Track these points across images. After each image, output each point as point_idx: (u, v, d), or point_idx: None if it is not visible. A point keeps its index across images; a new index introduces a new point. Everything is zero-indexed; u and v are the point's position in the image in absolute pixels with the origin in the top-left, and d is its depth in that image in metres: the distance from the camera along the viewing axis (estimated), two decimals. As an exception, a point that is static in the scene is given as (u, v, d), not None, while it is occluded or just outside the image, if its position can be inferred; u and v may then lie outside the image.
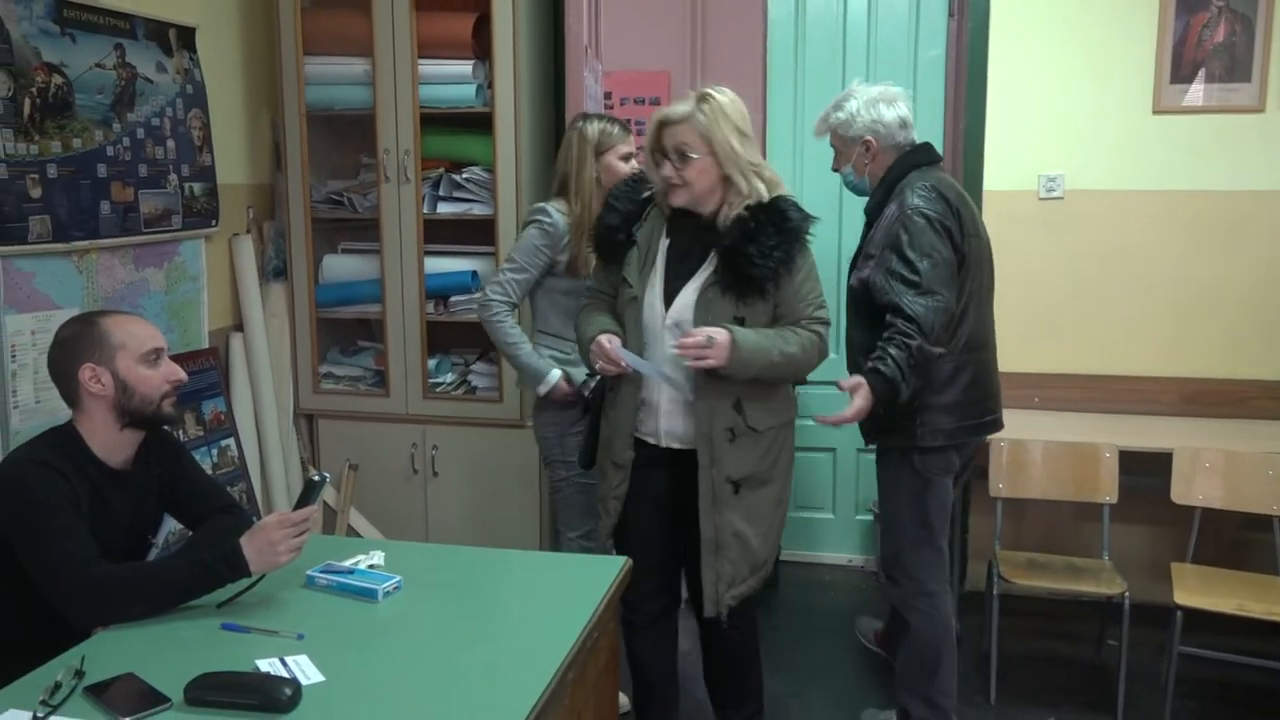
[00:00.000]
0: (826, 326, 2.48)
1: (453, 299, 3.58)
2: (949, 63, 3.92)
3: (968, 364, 2.63)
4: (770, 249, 2.36)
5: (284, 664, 1.65)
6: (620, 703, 3.01)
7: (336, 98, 3.56)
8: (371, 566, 2.05)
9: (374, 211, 3.56)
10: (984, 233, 2.72)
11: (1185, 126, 3.59)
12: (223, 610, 1.85)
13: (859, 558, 4.26)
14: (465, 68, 3.42)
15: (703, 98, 2.41)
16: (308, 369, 3.69)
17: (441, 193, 3.55)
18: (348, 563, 2.04)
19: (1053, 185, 3.70)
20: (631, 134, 3.02)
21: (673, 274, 2.47)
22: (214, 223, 3.34)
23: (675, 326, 2.43)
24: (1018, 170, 3.72)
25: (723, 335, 2.34)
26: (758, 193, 2.40)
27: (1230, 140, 3.56)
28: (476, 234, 3.58)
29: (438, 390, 3.63)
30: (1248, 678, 3.20)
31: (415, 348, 3.58)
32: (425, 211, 3.52)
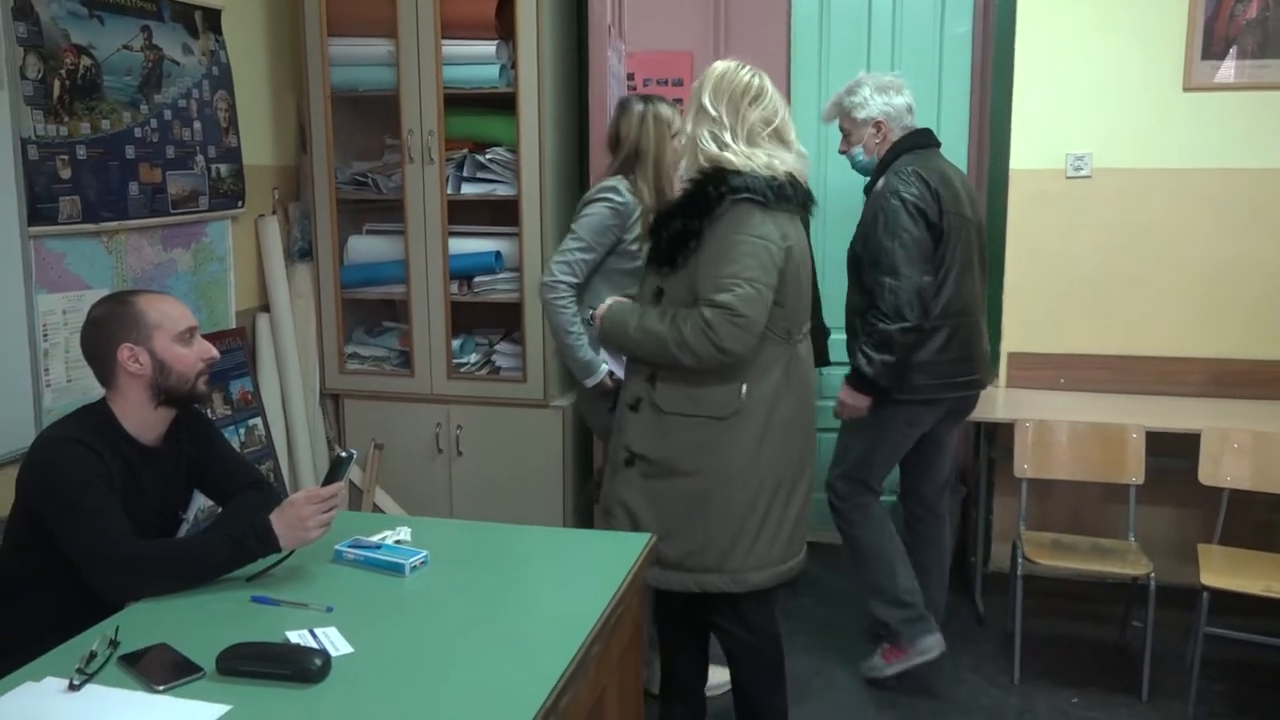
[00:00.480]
0: (723, 311, 2.23)
1: (476, 279, 3.60)
2: (975, 39, 3.88)
3: (943, 328, 2.92)
4: (669, 220, 2.34)
5: (313, 636, 1.67)
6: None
7: (361, 79, 3.57)
8: (398, 542, 2.07)
9: (398, 192, 3.57)
10: (970, 211, 2.97)
11: (1216, 104, 3.54)
12: (253, 583, 1.88)
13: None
14: (489, 48, 3.43)
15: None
16: (333, 349, 3.72)
17: (465, 173, 3.55)
18: (375, 538, 2.06)
19: (1080, 164, 3.66)
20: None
21: None
22: (240, 204, 3.37)
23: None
24: (1045, 148, 3.68)
25: (603, 308, 2.47)
26: (716, 163, 2.30)
27: (1262, 118, 3.51)
28: (500, 214, 3.59)
29: (462, 370, 3.66)
30: (1274, 659, 3.18)
31: (440, 328, 3.60)
32: (449, 192, 3.53)
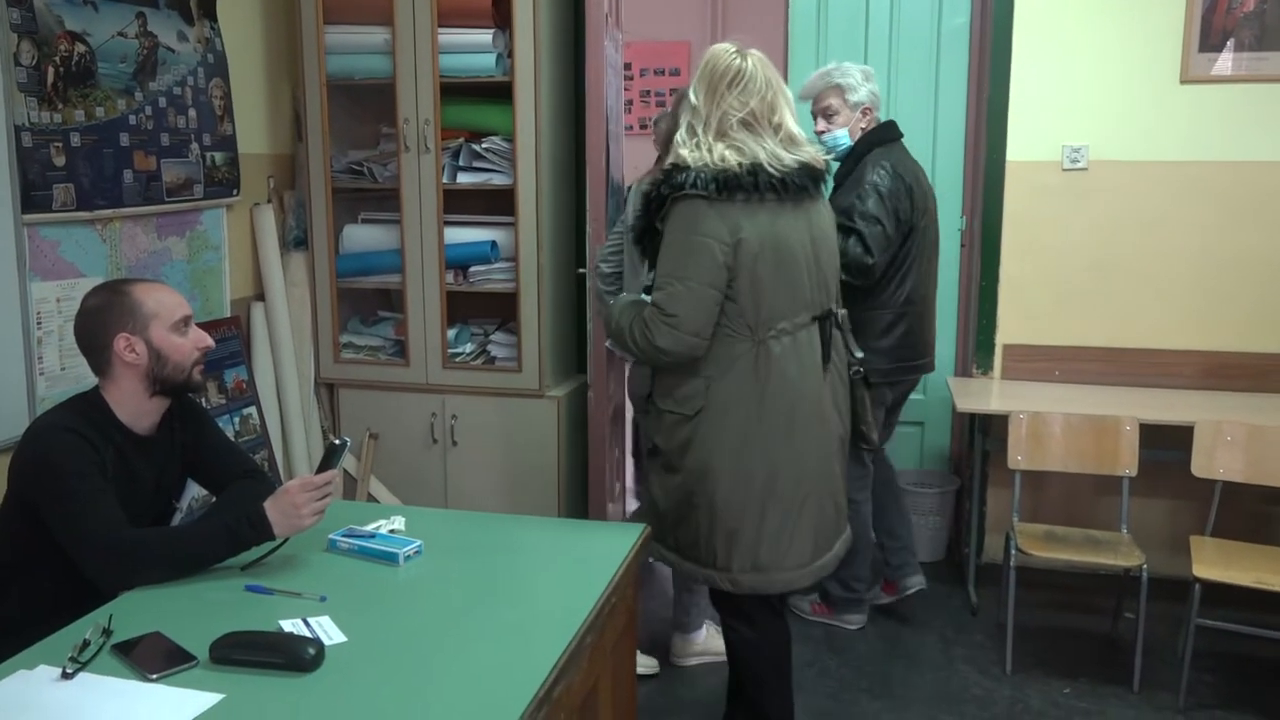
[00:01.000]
0: (655, 310, 2.20)
1: (472, 269, 3.59)
2: (973, 31, 3.87)
3: (904, 316, 3.14)
4: (639, 219, 2.33)
5: (307, 625, 1.68)
6: (646, 665, 3.05)
7: (357, 67, 3.56)
8: (393, 531, 2.08)
9: (394, 181, 3.56)
10: (932, 206, 3.20)
11: (1213, 96, 3.54)
12: (247, 572, 1.88)
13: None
14: (485, 37, 3.41)
15: None
16: (328, 338, 3.71)
17: (461, 163, 3.55)
18: (369, 527, 2.06)
19: (1077, 156, 3.66)
20: None
21: None
22: (235, 192, 3.36)
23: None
24: (1041, 140, 3.67)
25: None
26: (675, 160, 2.24)
27: (1260, 110, 3.51)
28: (496, 204, 3.58)
29: (457, 360, 3.65)
30: (1265, 651, 3.19)
31: (435, 317, 3.59)
32: (445, 181, 3.52)
